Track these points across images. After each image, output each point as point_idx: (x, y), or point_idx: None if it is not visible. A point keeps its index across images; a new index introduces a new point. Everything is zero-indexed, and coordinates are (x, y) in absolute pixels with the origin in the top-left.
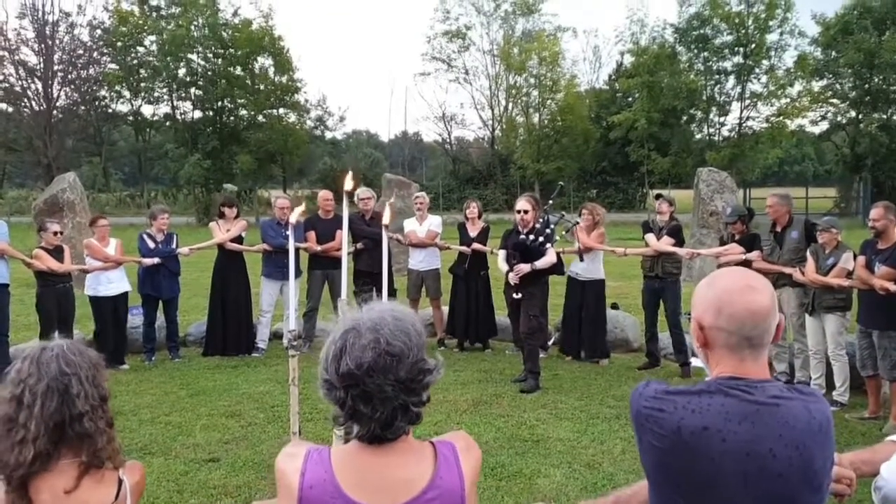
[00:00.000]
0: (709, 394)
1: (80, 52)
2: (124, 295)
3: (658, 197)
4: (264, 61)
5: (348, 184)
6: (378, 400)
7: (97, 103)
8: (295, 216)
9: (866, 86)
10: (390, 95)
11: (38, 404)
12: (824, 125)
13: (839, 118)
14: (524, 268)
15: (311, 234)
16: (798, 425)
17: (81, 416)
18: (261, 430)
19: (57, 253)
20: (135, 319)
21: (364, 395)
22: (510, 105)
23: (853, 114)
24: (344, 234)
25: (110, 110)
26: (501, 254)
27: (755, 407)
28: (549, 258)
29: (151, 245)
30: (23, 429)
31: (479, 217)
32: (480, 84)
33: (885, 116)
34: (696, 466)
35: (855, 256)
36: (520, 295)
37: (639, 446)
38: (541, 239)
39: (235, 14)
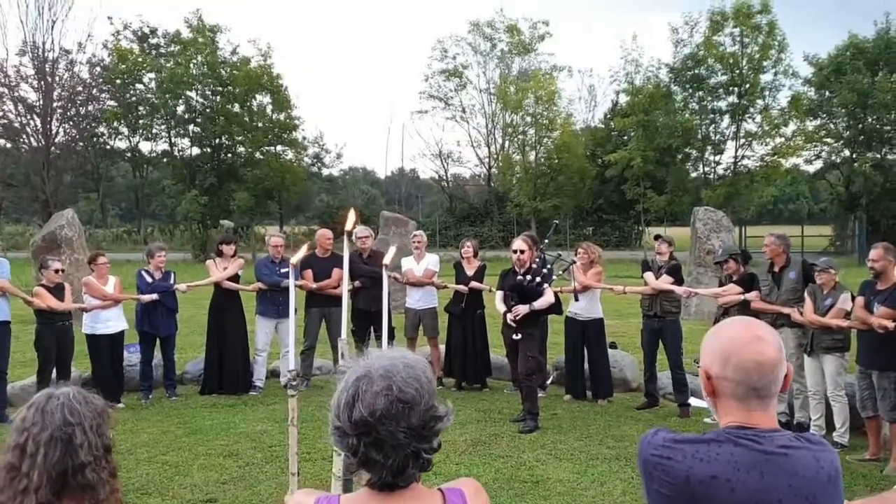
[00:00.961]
0: (718, 443)
1: (80, 89)
2: (121, 333)
3: (657, 238)
4: (262, 99)
5: (349, 223)
6: (390, 447)
7: (95, 140)
8: (297, 258)
9: (860, 125)
10: (387, 132)
11: (41, 454)
12: (819, 164)
13: (833, 157)
14: (522, 309)
15: (308, 273)
16: (807, 475)
17: (84, 467)
18: (258, 471)
19: (57, 291)
20: (132, 357)
21: (377, 442)
22: (507, 143)
23: (847, 153)
24: (345, 274)
25: (108, 147)
26: (499, 295)
27: (764, 457)
28: (546, 298)
29: (149, 281)
30: (25, 478)
31: (475, 255)
32: (477, 122)
33: (878, 156)
34: None
35: (853, 297)
36: (519, 336)
37: (646, 495)
38: (538, 279)
39: (234, 52)
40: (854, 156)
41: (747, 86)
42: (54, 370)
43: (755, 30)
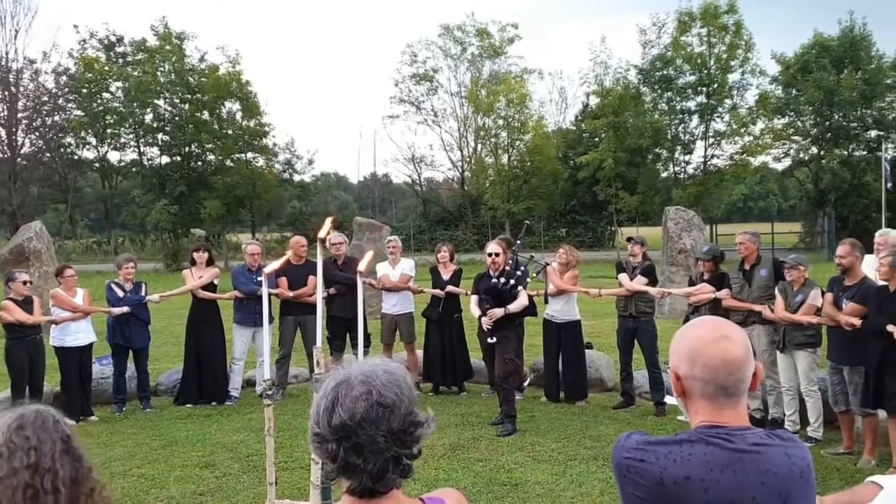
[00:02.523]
0: (690, 443)
1: (45, 98)
2: (90, 346)
3: (629, 240)
4: (232, 106)
5: (324, 230)
6: (370, 452)
7: (62, 150)
8: (271, 268)
9: (827, 123)
10: (359, 137)
11: (59, 466)
12: (787, 161)
13: (801, 154)
14: (497, 312)
15: (283, 281)
16: (780, 472)
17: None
18: (236, 481)
19: (26, 304)
20: (104, 370)
21: (356, 447)
22: (479, 146)
23: (815, 150)
24: (319, 281)
25: (76, 157)
26: (474, 298)
27: (737, 455)
28: (521, 301)
29: (120, 294)
30: (52, 494)
31: (451, 260)
32: (449, 126)
33: (845, 152)
34: None
35: (823, 292)
36: (494, 339)
37: (622, 498)
38: (512, 282)
39: (202, 60)
40: (822, 153)
41: (715, 85)
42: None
43: (722, 30)
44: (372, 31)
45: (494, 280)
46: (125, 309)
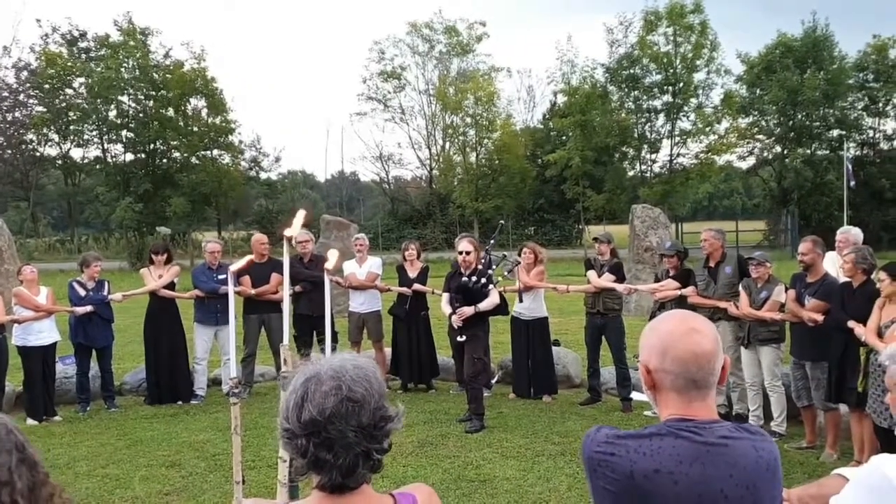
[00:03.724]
0: (659, 436)
1: (6, 94)
2: (53, 345)
3: (595, 240)
4: (197, 102)
5: (297, 225)
6: (340, 447)
7: (24, 147)
8: (236, 266)
9: (790, 122)
10: (326, 135)
11: (17, 477)
12: (751, 160)
13: (765, 153)
14: (468, 311)
15: (246, 279)
16: (747, 465)
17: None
18: (202, 480)
19: None
20: (67, 369)
21: (326, 442)
22: (447, 144)
23: (779, 149)
24: (286, 279)
25: (38, 154)
26: (445, 297)
27: (705, 448)
28: (492, 299)
29: (82, 293)
30: None
31: (419, 258)
32: (417, 124)
33: (808, 151)
34: None
35: (786, 289)
36: (464, 337)
37: (591, 492)
38: (483, 280)
39: (167, 56)
40: (785, 152)
41: (681, 85)
42: None
43: (688, 29)
44: (339, 28)
45: (465, 279)
46: (88, 308)
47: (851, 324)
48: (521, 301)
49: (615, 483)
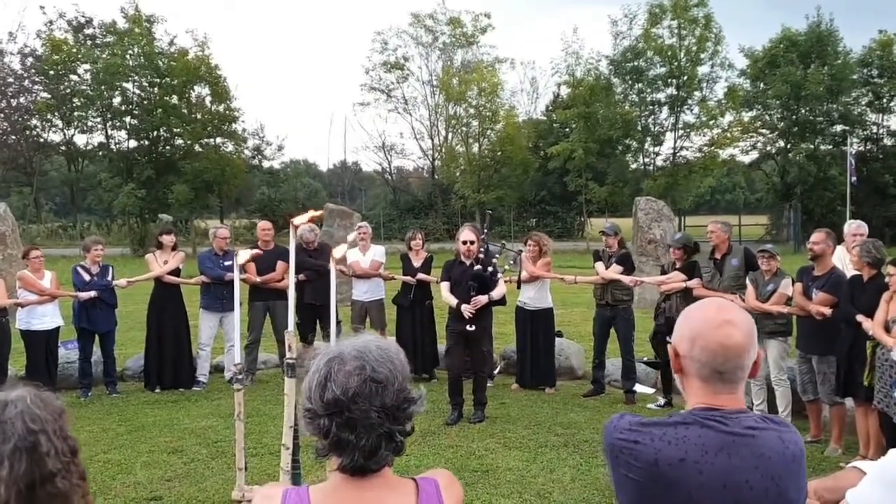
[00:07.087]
0: (685, 425)
1: (11, 80)
2: (57, 330)
3: (602, 233)
4: (201, 90)
5: (303, 218)
6: (363, 427)
7: (28, 132)
8: (244, 258)
9: (793, 116)
10: (329, 125)
11: (7, 467)
12: (754, 154)
13: (768, 148)
14: (483, 299)
15: (251, 266)
16: (773, 456)
17: (54, 476)
18: (204, 467)
19: None
20: (70, 354)
21: (349, 422)
22: (450, 135)
23: (782, 143)
24: (291, 267)
25: (42, 140)
26: (445, 285)
27: (731, 438)
28: (501, 289)
29: (87, 278)
30: None
31: (423, 247)
32: (420, 114)
33: (812, 146)
34: (672, 499)
35: (793, 282)
36: (473, 327)
37: (613, 480)
38: (490, 269)
39: (171, 43)
40: (788, 146)
41: (685, 78)
42: None
43: (692, 23)
44: (343, 18)
45: (478, 267)
46: (93, 293)
47: (860, 318)
48: (518, 288)
49: (638, 471)
